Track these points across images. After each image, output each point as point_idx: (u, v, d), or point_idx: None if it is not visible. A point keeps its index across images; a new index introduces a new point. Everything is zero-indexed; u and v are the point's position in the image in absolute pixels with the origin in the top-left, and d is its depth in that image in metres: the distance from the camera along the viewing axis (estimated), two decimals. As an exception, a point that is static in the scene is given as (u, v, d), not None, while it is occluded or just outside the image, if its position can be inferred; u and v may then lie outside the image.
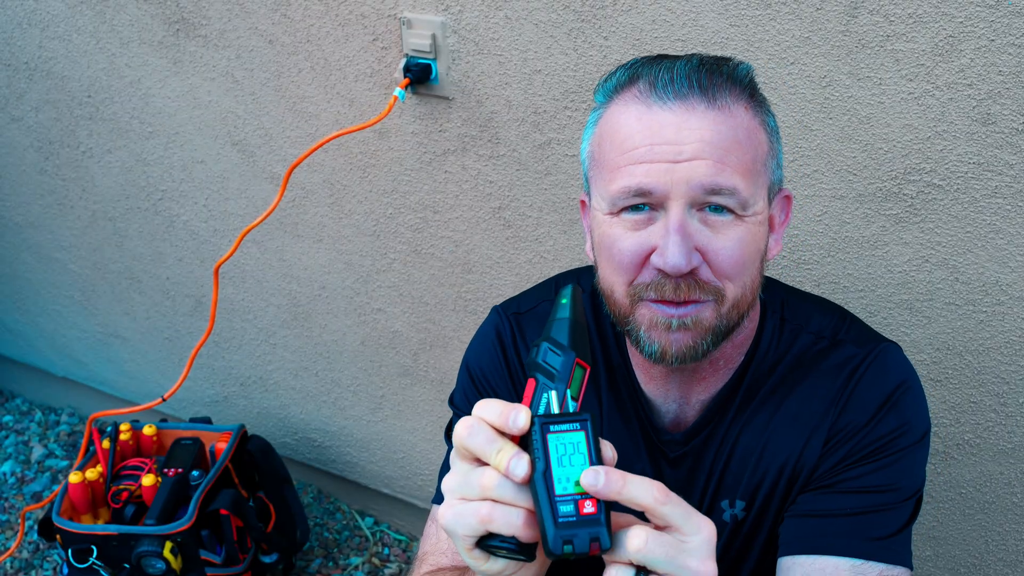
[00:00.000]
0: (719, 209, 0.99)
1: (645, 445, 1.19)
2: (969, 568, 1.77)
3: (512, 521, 0.77)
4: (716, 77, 1.00)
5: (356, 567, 2.43)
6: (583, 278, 1.27)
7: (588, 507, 0.75)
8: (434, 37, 1.74)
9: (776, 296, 1.19)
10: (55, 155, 2.42)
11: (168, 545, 1.98)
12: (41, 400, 3.07)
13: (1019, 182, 1.41)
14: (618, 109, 1.03)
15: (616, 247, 1.02)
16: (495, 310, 1.30)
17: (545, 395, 0.80)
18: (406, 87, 1.78)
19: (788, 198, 1.13)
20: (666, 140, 0.97)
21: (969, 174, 1.43)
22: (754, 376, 1.16)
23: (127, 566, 2.02)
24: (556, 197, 1.80)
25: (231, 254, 2.00)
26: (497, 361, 1.25)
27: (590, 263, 1.17)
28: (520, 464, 0.76)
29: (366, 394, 2.34)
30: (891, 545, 1.07)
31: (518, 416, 0.77)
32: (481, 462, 0.79)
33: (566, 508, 0.75)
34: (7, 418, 2.99)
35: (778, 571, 1.10)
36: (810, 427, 1.12)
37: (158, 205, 2.34)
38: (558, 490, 0.75)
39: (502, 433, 0.78)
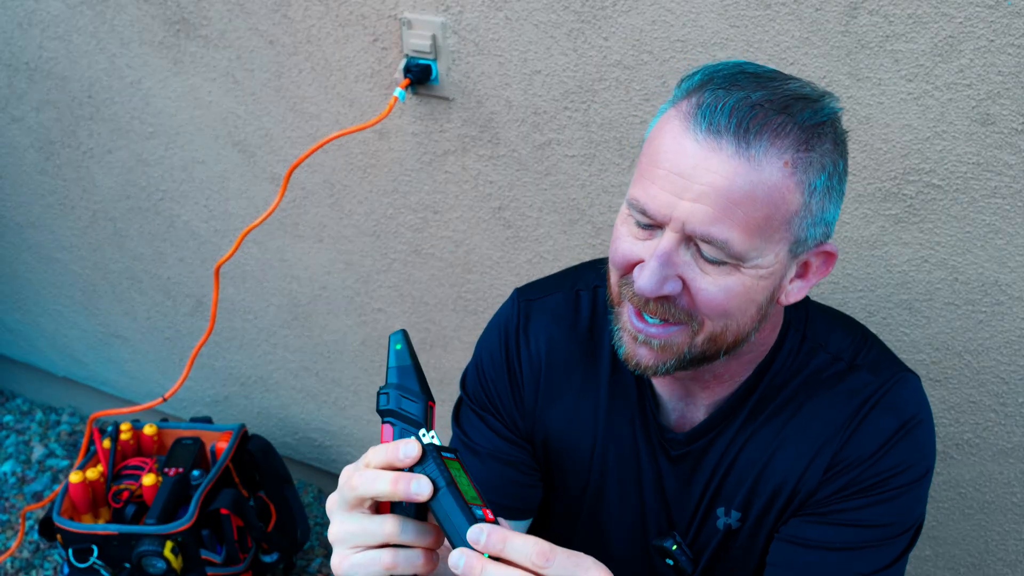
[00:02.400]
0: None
1: (648, 440, 1.20)
2: (969, 568, 1.77)
3: (415, 561, 0.82)
4: (769, 119, 0.94)
5: (356, 567, 2.43)
6: (603, 268, 1.27)
7: (490, 515, 0.80)
8: (434, 38, 1.74)
9: (800, 312, 1.17)
10: (56, 155, 2.42)
11: (169, 545, 1.98)
12: (42, 400, 3.07)
13: (1019, 182, 1.41)
14: (669, 117, 1.00)
15: (615, 245, 1.04)
16: (514, 292, 1.30)
17: (409, 437, 0.85)
18: (406, 87, 1.78)
19: (830, 255, 1.05)
20: (681, 172, 0.95)
21: (969, 174, 1.43)
22: (767, 389, 1.15)
23: (128, 566, 2.03)
24: (556, 197, 1.80)
25: (232, 254, 2.00)
26: (499, 350, 1.27)
27: (595, 258, 1.18)
28: (421, 483, 0.79)
29: (367, 394, 2.35)
30: None
31: (409, 447, 0.81)
32: (376, 510, 0.83)
33: (479, 512, 0.79)
34: (8, 418, 3.00)
35: None
36: (814, 450, 1.12)
37: (159, 205, 2.34)
38: (468, 498, 0.80)
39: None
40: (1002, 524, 1.70)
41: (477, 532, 0.76)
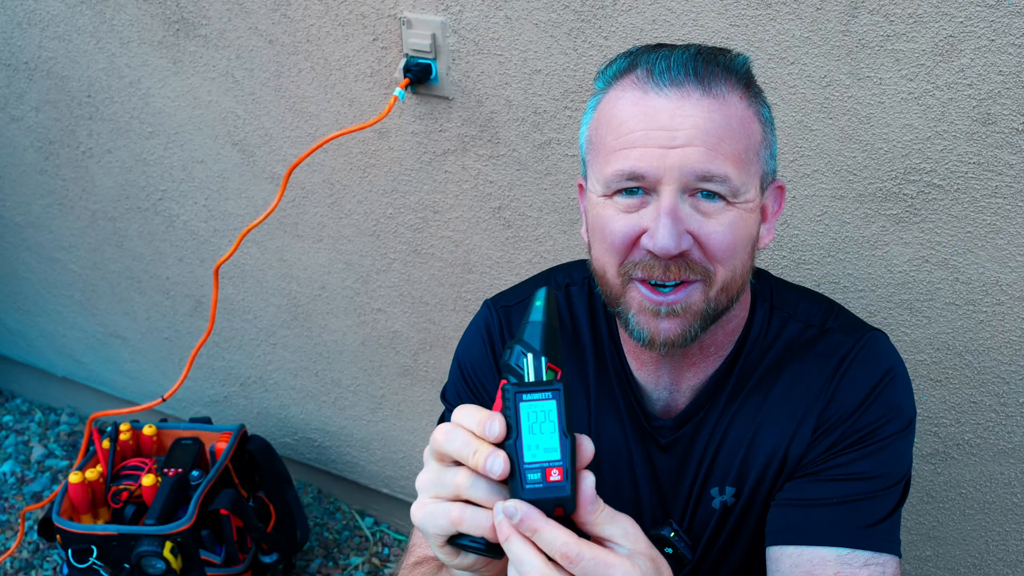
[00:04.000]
0: (710, 195, 1.01)
1: (637, 432, 1.20)
2: (969, 568, 1.77)
3: (481, 523, 0.79)
4: (712, 66, 1.01)
5: (356, 567, 2.43)
6: (574, 271, 1.28)
7: (555, 475, 0.77)
8: (434, 37, 1.74)
9: (764, 285, 1.21)
10: (55, 155, 2.42)
11: (168, 545, 1.98)
12: (41, 400, 3.07)
13: (1019, 182, 1.41)
14: (616, 95, 1.04)
15: (608, 228, 1.04)
16: (485, 304, 1.31)
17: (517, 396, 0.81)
18: (406, 87, 1.78)
19: (781, 188, 1.14)
20: (661, 126, 0.99)
21: (969, 174, 1.43)
22: (745, 363, 1.17)
23: (127, 566, 2.02)
24: (556, 197, 1.80)
25: (231, 254, 2.00)
26: (485, 356, 1.27)
27: (585, 258, 1.18)
28: (496, 462, 0.77)
29: (366, 394, 2.34)
30: (877, 533, 1.08)
31: (493, 424, 0.79)
32: (456, 463, 0.81)
33: (533, 476, 0.77)
34: (7, 418, 2.99)
35: (768, 560, 1.11)
36: (800, 415, 1.14)
37: (158, 205, 2.34)
38: (527, 458, 0.77)
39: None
40: (1002, 524, 1.70)
41: (512, 509, 0.76)
